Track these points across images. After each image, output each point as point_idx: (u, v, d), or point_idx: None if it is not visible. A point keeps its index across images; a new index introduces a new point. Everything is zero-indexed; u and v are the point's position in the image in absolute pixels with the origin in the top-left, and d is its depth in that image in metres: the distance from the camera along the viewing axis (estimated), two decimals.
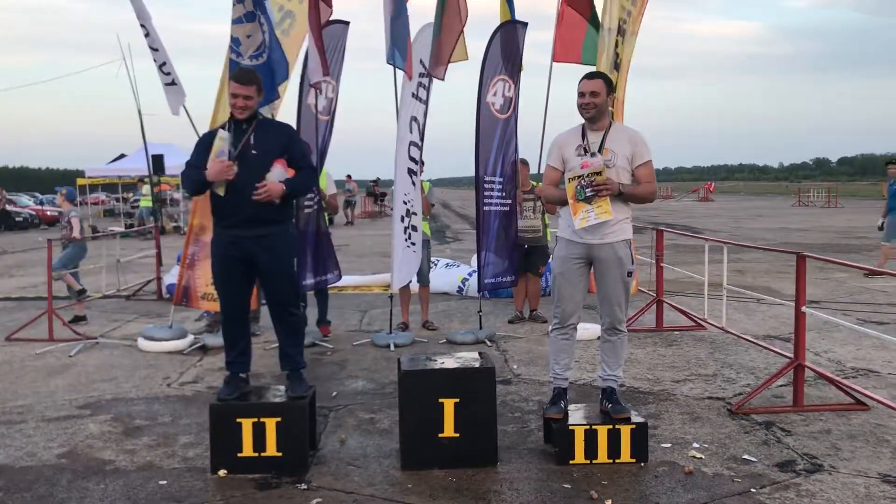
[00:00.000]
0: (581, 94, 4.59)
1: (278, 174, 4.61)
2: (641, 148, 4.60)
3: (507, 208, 7.99)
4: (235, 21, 6.71)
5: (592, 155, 4.51)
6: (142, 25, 8.31)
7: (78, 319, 8.94)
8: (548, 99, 8.30)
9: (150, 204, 26.84)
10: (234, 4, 6.71)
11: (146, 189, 27.01)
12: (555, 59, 8.64)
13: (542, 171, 5.54)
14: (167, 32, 7.83)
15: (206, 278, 7.63)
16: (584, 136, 4.62)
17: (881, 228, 12.99)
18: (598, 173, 4.41)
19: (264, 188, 4.52)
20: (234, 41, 6.76)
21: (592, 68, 7.87)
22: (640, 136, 4.69)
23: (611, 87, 4.66)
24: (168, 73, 8.47)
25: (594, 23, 8.59)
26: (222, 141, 4.55)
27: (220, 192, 4.55)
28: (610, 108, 4.69)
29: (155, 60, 8.51)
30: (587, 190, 4.43)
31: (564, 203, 4.61)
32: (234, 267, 4.66)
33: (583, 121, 4.66)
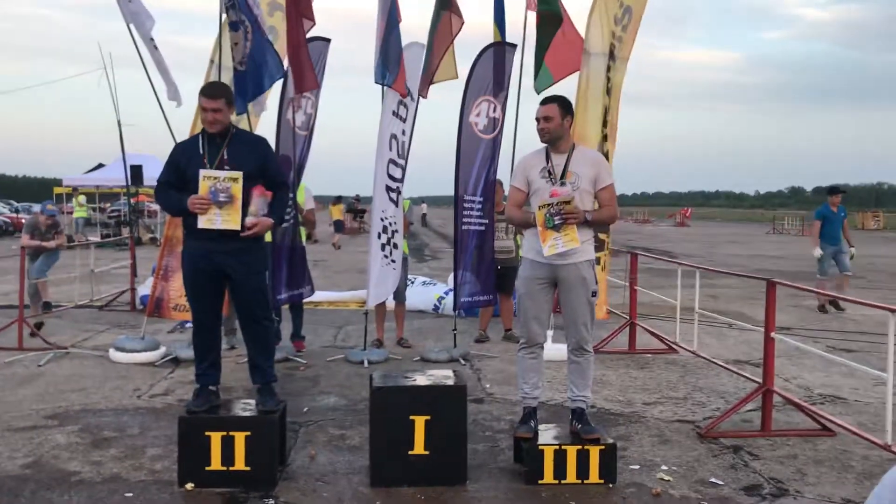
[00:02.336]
0: (536, 120, 4.68)
1: (261, 206, 4.62)
2: (603, 171, 4.69)
3: (482, 228, 8.04)
4: (230, 26, 6.72)
5: (562, 184, 4.57)
6: (129, 25, 8.04)
7: (39, 326, 8.82)
8: (517, 120, 8.30)
9: (84, 214, 26.67)
10: (226, 10, 6.72)
11: (82, 199, 26.86)
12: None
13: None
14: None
15: (178, 289, 7.61)
16: (548, 158, 4.69)
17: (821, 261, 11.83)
18: (567, 202, 4.49)
19: (255, 227, 4.54)
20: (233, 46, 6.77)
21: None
22: (602, 159, 4.82)
23: (567, 111, 4.70)
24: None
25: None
26: (210, 180, 4.53)
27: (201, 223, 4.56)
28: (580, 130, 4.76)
29: (150, 61, 8.18)
30: (556, 218, 4.50)
31: (528, 225, 4.69)
32: (205, 279, 4.66)
33: None
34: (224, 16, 6.97)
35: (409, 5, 7.61)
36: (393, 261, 7.79)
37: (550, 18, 7.63)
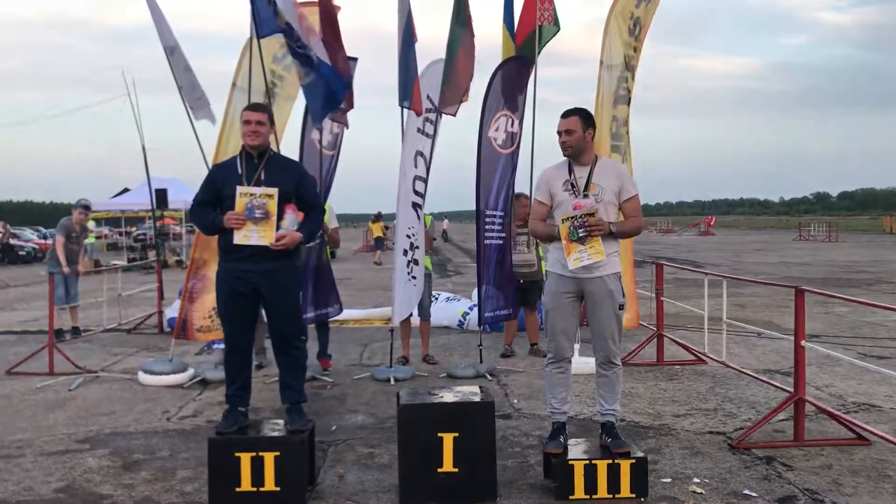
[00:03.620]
0: (558, 133, 4.67)
1: (292, 221, 4.67)
2: (628, 182, 4.67)
3: (503, 242, 8.04)
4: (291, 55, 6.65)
5: (585, 196, 4.56)
6: (167, 48, 8.05)
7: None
8: (533, 132, 8.28)
9: (92, 240, 26.86)
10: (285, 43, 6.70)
11: (91, 224, 27.09)
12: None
13: None
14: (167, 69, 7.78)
15: (202, 311, 7.66)
16: (570, 170, 4.67)
17: None
18: (591, 214, 4.47)
19: (284, 238, 4.58)
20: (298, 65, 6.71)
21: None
22: (625, 170, 4.79)
23: (588, 123, 4.68)
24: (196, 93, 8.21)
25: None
26: (247, 197, 4.60)
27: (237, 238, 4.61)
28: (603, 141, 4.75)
29: (178, 82, 8.07)
30: (580, 230, 4.48)
31: (552, 239, 4.66)
32: (240, 301, 4.70)
33: None
34: (251, 37, 6.93)
35: (426, 23, 7.64)
36: (414, 277, 7.80)
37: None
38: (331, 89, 6.53)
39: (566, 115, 4.70)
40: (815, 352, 6.64)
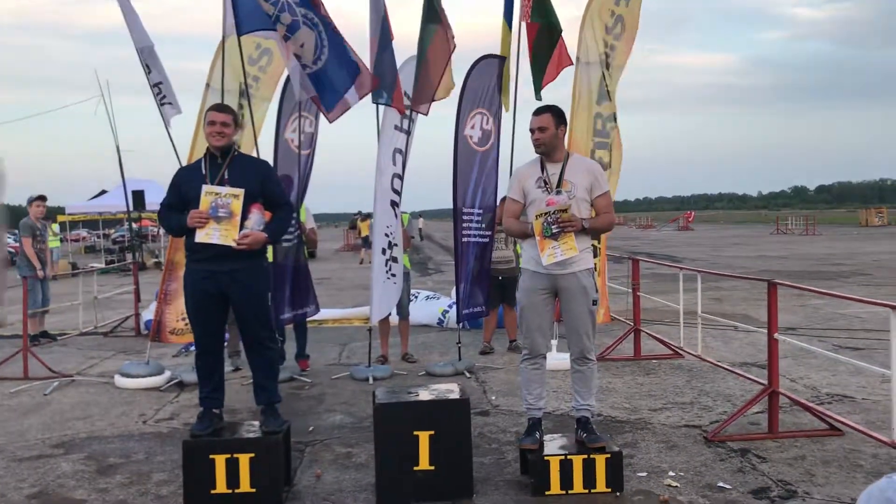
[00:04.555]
0: (530, 131, 4.70)
1: (257, 221, 4.64)
2: (600, 179, 4.71)
3: (485, 240, 8.04)
4: (288, 28, 6.40)
5: (558, 193, 4.59)
6: (139, 50, 7.96)
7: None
8: (514, 132, 8.29)
9: (57, 244, 26.44)
10: (276, 24, 6.47)
11: (56, 227, 26.76)
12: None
13: None
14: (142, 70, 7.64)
15: (176, 313, 7.62)
16: (542, 168, 4.70)
17: None
18: (564, 210, 4.50)
19: (247, 238, 4.55)
20: (296, 58, 6.46)
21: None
22: (597, 167, 4.84)
23: (561, 120, 4.72)
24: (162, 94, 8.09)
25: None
26: (212, 196, 4.57)
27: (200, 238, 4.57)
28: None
29: (151, 81, 7.92)
30: (553, 227, 4.51)
31: (526, 236, 4.69)
32: (208, 301, 4.66)
33: None
34: (276, 26, 6.62)
35: (399, 21, 7.59)
36: (393, 275, 7.79)
37: (549, 30, 7.69)
38: (344, 68, 6.42)
39: (538, 112, 4.73)
40: (790, 344, 6.71)
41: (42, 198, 10.33)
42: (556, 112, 4.73)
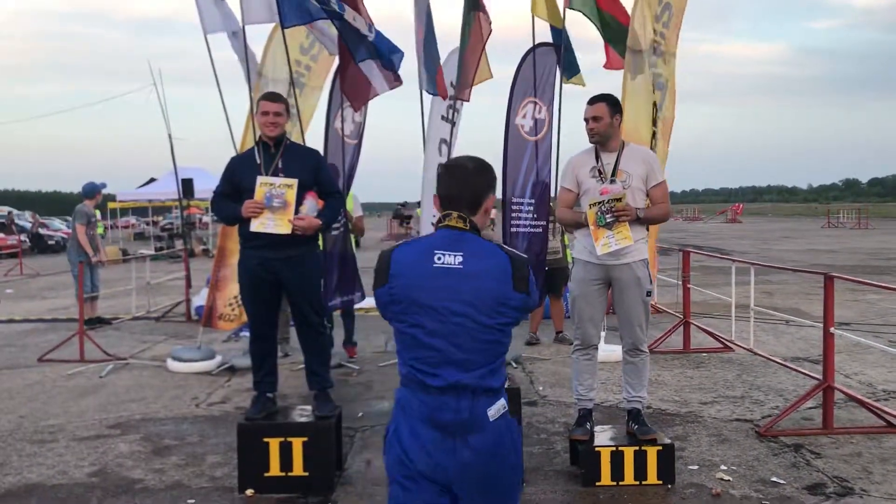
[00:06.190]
0: (585, 120, 4.64)
1: (311, 208, 4.68)
2: (655, 169, 4.63)
3: (538, 230, 7.98)
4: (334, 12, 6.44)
5: (612, 181, 4.53)
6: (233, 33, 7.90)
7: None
8: (560, 119, 8.22)
9: (100, 231, 26.92)
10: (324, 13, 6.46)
11: (98, 215, 27.22)
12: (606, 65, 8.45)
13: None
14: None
15: (225, 299, 7.73)
16: (597, 157, 4.64)
17: None
18: (618, 199, 4.44)
19: (302, 222, 4.60)
20: (353, 33, 6.48)
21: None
22: (653, 156, 4.74)
23: (616, 109, 4.63)
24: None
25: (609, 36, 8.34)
26: (266, 186, 4.62)
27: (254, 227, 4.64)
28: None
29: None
30: (607, 216, 4.45)
31: (579, 226, 4.63)
32: (262, 287, 4.73)
33: None
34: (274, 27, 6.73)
35: (436, 8, 7.56)
36: None
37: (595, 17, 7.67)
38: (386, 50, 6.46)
39: (593, 101, 4.66)
40: (845, 339, 6.57)
41: (103, 185, 10.81)
42: (610, 101, 4.66)
